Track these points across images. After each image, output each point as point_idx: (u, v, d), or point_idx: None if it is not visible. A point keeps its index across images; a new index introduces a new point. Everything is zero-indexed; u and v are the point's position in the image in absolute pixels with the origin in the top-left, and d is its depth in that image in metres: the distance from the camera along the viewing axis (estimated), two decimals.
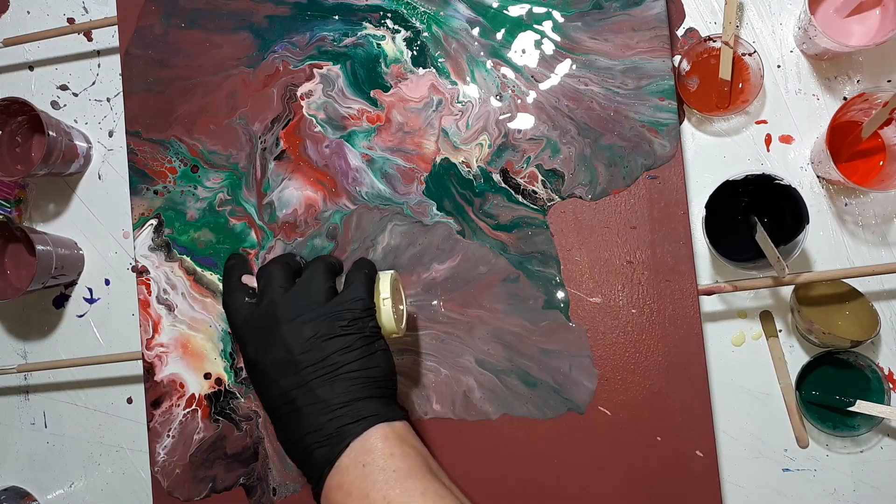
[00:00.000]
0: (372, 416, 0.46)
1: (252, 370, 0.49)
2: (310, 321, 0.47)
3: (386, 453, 0.45)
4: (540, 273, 0.61)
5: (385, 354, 0.49)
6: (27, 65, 0.75)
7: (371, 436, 0.45)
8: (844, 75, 0.63)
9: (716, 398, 0.62)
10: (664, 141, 0.60)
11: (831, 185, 0.63)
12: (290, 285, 0.49)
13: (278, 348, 0.47)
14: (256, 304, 0.50)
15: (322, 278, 0.49)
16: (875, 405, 0.58)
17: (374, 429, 0.45)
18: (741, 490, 0.62)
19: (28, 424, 0.74)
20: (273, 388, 0.47)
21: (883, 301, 0.62)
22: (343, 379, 0.46)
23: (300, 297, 0.48)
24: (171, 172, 0.66)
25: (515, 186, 0.62)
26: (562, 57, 0.62)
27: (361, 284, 0.49)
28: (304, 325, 0.47)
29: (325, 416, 0.45)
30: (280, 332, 0.47)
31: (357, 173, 0.64)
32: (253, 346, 0.48)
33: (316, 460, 0.45)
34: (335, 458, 0.45)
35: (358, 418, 0.45)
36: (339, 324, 0.47)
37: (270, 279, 0.50)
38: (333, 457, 0.45)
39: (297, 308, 0.47)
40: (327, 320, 0.47)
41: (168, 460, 0.64)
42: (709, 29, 0.65)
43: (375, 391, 0.47)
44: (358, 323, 0.47)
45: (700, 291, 0.59)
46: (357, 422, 0.45)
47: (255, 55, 0.66)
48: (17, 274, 0.72)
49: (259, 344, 0.48)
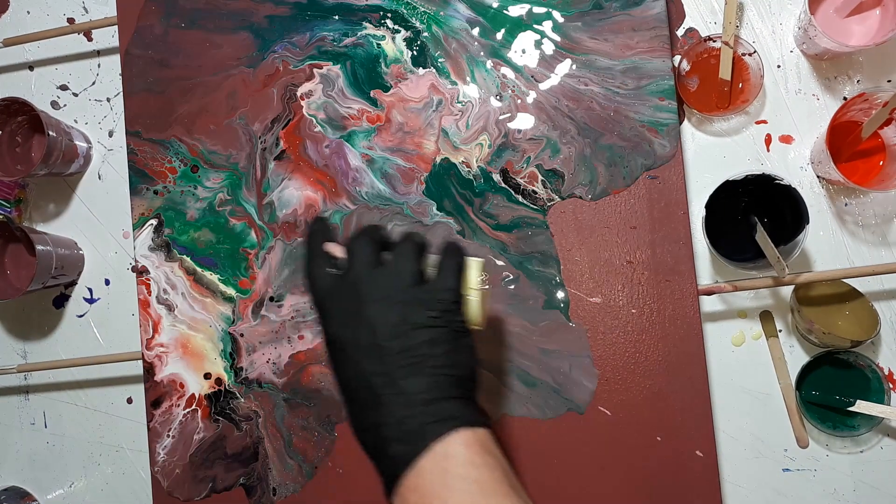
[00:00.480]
0: (455, 418, 0.43)
1: (331, 346, 0.46)
2: (398, 305, 0.44)
3: (467, 461, 0.42)
4: (540, 273, 0.61)
5: (472, 352, 0.46)
6: (27, 65, 0.75)
7: (453, 440, 0.42)
8: (844, 75, 0.63)
9: (716, 398, 0.62)
10: (664, 141, 0.60)
11: (831, 185, 0.63)
12: (378, 261, 0.47)
13: (362, 328, 0.44)
14: (341, 278, 0.46)
15: (412, 260, 0.46)
16: (875, 405, 0.58)
17: (456, 433, 0.42)
18: (741, 490, 0.62)
19: (28, 424, 0.74)
20: (352, 368, 0.45)
21: (883, 301, 0.62)
22: (428, 373, 0.43)
23: (389, 278, 0.45)
24: (171, 172, 0.66)
25: (515, 186, 0.62)
26: (562, 57, 0.62)
27: (453, 273, 0.46)
28: (392, 308, 0.44)
29: (405, 409, 0.43)
30: (365, 312, 0.44)
31: (357, 173, 0.64)
32: (335, 322, 0.46)
33: (393, 456, 0.43)
34: (413, 458, 0.42)
35: (440, 418, 0.43)
36: (428, 313, 0.44)
37: (358, 252, 0.46)
38: (412, 456, 0.42)
39: (385, 288, 0.45)
40: (416, 307, 0.44)
41: (168, 460, 0.64)
42: (709, 29, 0.65)
43: (459, 391, 0.44)
44: (448, 315, 0.45)
45: (700, 291, 0.59)
46: (439, 422, 0.42)
47: (255, 55, 0.66)
48: (17, 274, 0.72)
49: (342, 320, 0.45)
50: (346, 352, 0.45)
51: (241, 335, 0.64)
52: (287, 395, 0.63)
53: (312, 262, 0.48)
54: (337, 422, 0.63)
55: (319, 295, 0.47)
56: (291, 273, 0.64)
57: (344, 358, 0.45)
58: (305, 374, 0.63)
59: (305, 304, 0.64)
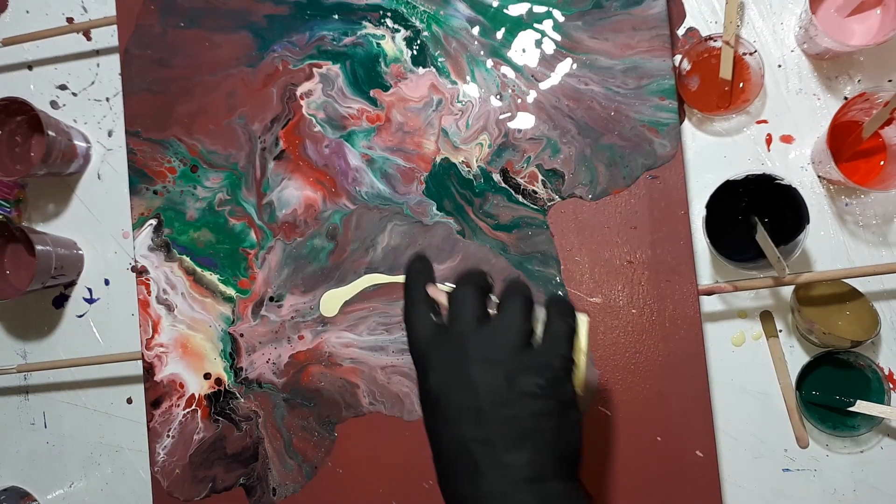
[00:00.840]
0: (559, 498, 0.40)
1: (427, 401, 0.43)
2: (505, 369, 0.41)
3: None
4: (540, 273, 0.61)
5: (579, 428, 0.43)
6: (26, 64, 0.75)
7: None
8: (845, 75, 0.63)
9: (716, 398, 0.62)
10: (664, 141, 0.60)
11: (832, 184, 0.63)
12: (485, 315, 0.44)
13: (465, 390, 0.41)
14: (445, 329, 0.44)
15: (522, 317, 0.43)
16: (875, 405, 0.58)
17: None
18: (741, 490, 0.62)
19: (28, 424, 0.74)
20: (450, 430, 0.42)
21: (883, 301, 0.62)
22: (532, 448, 0.40)
23: (497, 337, 0.42)
24: (170, 172, 0.66)
25: (515, 186, 0.62)
26: (562, 56, 0.62)
27: (565, 338, 0.43)
28: (498, 370, 0.41)
29: (507, 485, 0.40)
30: (470, 373, 0.41)
31: (357, 173, 0.64)
32: (436, 378, 0.43)
33: None
34: None
35: (544, 500, 0.40)
36: (537, 381, 0.41)
37: (464, 304, 0.43)
38: None
39: (492, 348, 0.42)
40: (525, 374, 0.41)
41: (168, 460, 0.64)
42: (709, 28, 0.65)
43: (564, 470, 0.41)
44: (557, 385, 0.42)
45: (700, 291, 0.59)
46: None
47: (254, 55, 0.66)
48: (16, 274, 0.72)
49: (443, 376, 0.43)
50: (445, 411, 0.42)
51: (241, 335, 0.64)
52: (287, 395, 0.63)
53: (414, 308, 0.45)
54: (337, 422, 0.63)
55: (420, 345, 0.44)
56: (291, 273, 0.64)
57: (442, 417, 0.42)
58: (305, 374, 0.63)
59: (305, 304, 0.64)
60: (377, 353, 0.62)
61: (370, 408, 0.62)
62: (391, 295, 0.62)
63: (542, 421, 0.41)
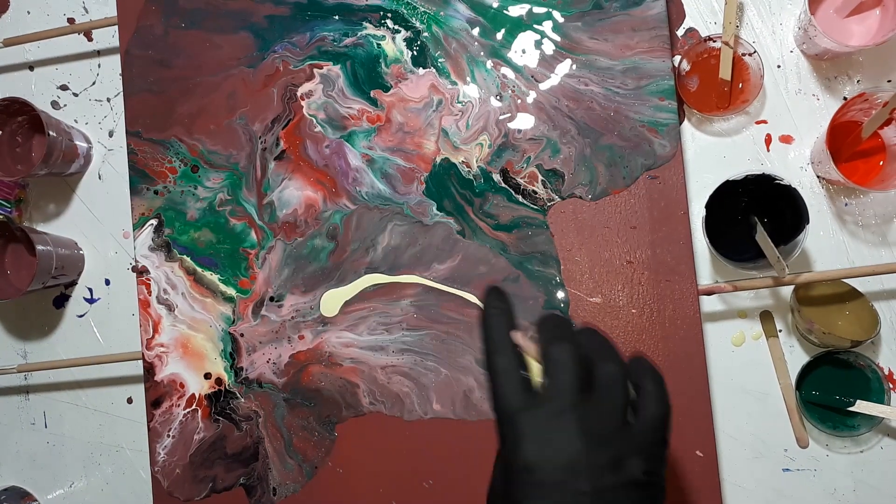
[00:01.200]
0: None
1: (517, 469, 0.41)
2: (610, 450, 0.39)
3: None
4: (540, 273, 0.61)
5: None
6: (27, 65, 0.75)
7: None
8: (844, 75, 0.63)
9: (716, 398, 0.62)
10: (664, 141, 0.60)
11: (831, 185, 0.63)
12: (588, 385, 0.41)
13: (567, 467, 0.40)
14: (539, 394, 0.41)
15: (624, 391, 0.41)
16: (875, 405, 0.58)
17: None
18: (741, 490, 0.62)
19: (28, 424, 0.74)
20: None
21: (883, 301, 0.62)
22: None
23: (602, 415, 0.40)
24: (171, 172, 0.66)
25: (515, 186, 0.62)
26: (562, 57, 0.62)
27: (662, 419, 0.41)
28: (602, 451, 0.39)
29: None
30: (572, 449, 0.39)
31: (357, 173, 0.64)
32: (533, 448, 0.40)
33: None
34: None
35: None
36: (644, 467, 0.39)
37: (563, 372, 0.40)
38: None
39: (594, 423, 0.40)
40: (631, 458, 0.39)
41: (168, 460, 0.64)
42: (709, 29, 0.65)
43: None
44: (659, 471, 0.40)
45: (700, 291, 0.59)
46: None
47: (255, 55, 0.66)
48: (17, 274, 0.72)
49: (542, 451, 0.40)
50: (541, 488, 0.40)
51: (242, 335, 0.64)
52: (287, 395, 0.63)
53: (500, 358, 0.42)
54: (337, 422, 0.63)
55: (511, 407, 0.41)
56: (291, 273, 0.64)
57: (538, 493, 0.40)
58: (305, 374, 0.63)
59: (305, 304, 0.64)
60: (377, 353, 0.62)
61: (370, 408, 0.62)
62: (391, 295, 0.62)
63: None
